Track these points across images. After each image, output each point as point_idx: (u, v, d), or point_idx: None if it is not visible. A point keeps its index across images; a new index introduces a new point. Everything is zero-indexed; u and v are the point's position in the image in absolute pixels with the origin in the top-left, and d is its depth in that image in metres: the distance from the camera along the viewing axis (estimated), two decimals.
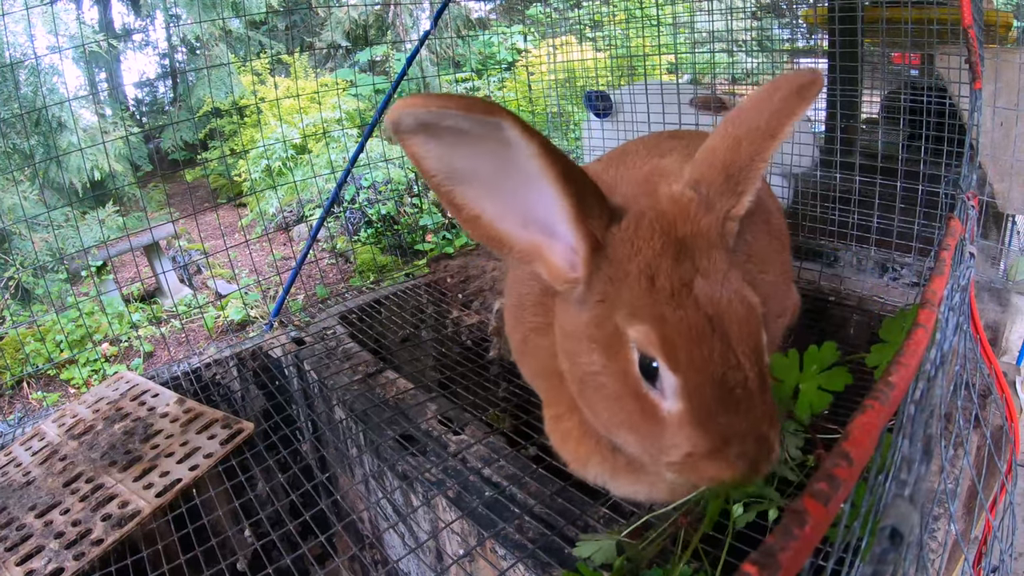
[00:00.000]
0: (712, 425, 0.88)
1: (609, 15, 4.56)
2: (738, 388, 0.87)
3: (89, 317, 5.18)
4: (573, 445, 1.21)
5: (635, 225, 0.93)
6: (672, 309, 0.87)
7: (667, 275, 0.89)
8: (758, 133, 0.98)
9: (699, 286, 0.89)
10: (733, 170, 0.98)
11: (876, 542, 0.51)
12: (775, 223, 1.61)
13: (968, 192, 1.29)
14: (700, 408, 0.87)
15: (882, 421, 0.60)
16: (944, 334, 0.86)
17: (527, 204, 0.91)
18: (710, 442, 0.88)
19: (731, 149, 0.99)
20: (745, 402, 0.88)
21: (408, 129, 0.82)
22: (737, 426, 0.88)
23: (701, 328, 0.87)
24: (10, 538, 1.64)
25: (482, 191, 0.90)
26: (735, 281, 0.92)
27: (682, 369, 0.87)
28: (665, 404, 0.90)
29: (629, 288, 0.91)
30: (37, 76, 6.16)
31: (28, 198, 5.73)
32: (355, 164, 3.00)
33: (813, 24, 4.31)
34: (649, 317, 0.88)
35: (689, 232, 0.93)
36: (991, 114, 2.28)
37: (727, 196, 0.97)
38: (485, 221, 0.92)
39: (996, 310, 2.19)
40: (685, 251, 0.91)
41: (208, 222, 7.30)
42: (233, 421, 1.99)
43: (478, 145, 0.84)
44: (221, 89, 8.32)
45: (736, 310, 0.89)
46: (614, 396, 0.94)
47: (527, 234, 0.94)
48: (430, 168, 0.87)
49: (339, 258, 6.13)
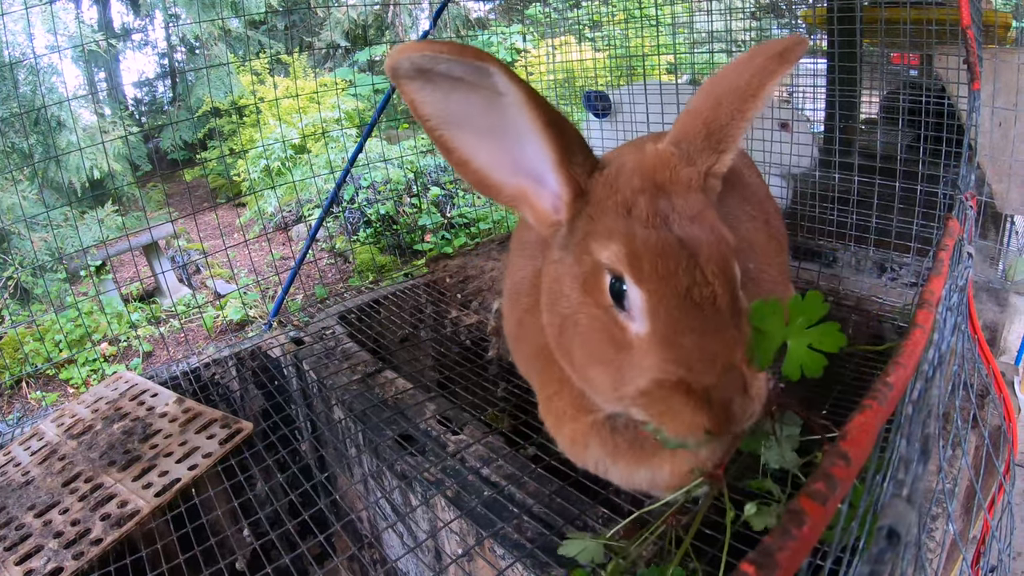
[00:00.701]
0: (678, 343, 0.86)
1: (608, 15, 4.56)
2: (705, 305, 0.86)
3: (88, 317, 5.18)
4: (569, 426, 1.20)
5: (616, 171, 0.97)
6: (643, 229, 0.89)
7: (642, 207, 0.91)
8: (739, 93, 1.00)
9: (673, 217, 0.90)
10: (713, 128, 1.00)
11: (874, 542, 0.51)
12: (774, 225, 1.62)
13: (966, 192, 1.29)
14: (665, 324, 0.86)
15: (880, 421, 0.60)
16: (942, 334, 0.87)
17: (514, 150, 0.95)
18: (676, 362, 0.86)
19: (712, 108, 1.01)
20: (712, 321, 0.86)
21: (406, 74, 0.87)
22: (704, 347, 0.86)
23: (669, 243, 0.87)
24: (9, 538, 1.64)
25: (473, 136, 0.95)
26: (711, 219, 0.93)
27: (646, 280, 0.87)
28: (633, 327, 0.89)
29: (605, 219, 0.93)
30: (36, 75, 6.16)
31: (27, 197, 5.73)
32: (354, 164, 3.00)
33: (812, 24, 4.31)
34: (620, 236, 0.90)
35: (668, 179, 0.96)
36: (989, 114, 2.28)
37: (708, 153, 1.00)
38: (475, 165, 0.97)
39: (994, 310, 2.19)
40: (663, 192, 0.94)
41: (207, 222, 7.30)
42: (232, 421, 1.99)
43: (470, 91, 0.90)
44: (220, 89, 8.32)
45: (708, 237, 0.89)
46: (588, 331, 0.94)
47: (514, 179, 0.99)
48: (425, 112, 0.92)
49: (338, 258, 6.13)
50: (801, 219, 2.72)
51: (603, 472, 1.26)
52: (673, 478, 1.17)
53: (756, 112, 1.00)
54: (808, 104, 3.63)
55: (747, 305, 0.93)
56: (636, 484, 1.26)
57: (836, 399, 1.76)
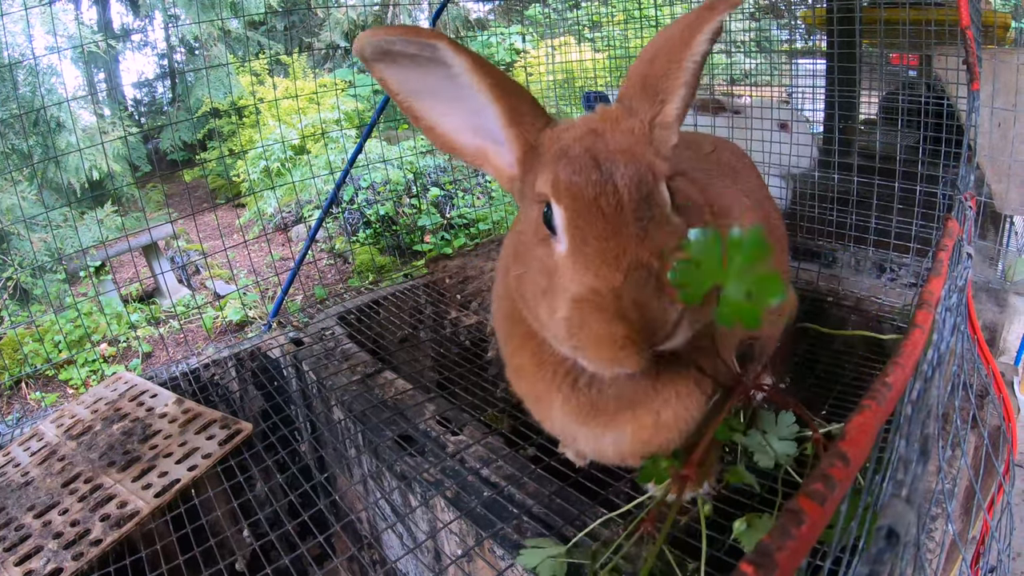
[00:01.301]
0: (584, 250, 0.90)
1: (608, 16, 4.57)
2: (611, 210, 0.90)
3: (87, 317, 5.17)
4: (529, 382, 1.23)
5: (563, 127, 1.04)
6: (569, 159, 0.96)
7: (575, 148, 0.97)
8: (672, 43, 1.05)
9: (601, 151, 0.96)
10: (650, 80, 1.06)
11: (873, 542, 0.51)
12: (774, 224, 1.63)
13: (965, 193, 1.29)
14: (575, 236, 0.92)
15: (879, 421, 0.60)
16: (941, 335, 0.87)
17: (469, 114, 1.05)
18: (584, 268, 0.89)
19: (648, 63, 1.07)
20: (615, 224, 0.90)
21: (371, 56, 1.00)
22: (607, 249, 0.89)
23: (584, 163, 0.94)
24: (9, 538, 1.64)
25: (435, 105, 1.07)
26: (639, 151, 0.97)
27: (561, 196, 0.93)
28: (559, 248, 0.95)
29: (546, 162, 1.00)
30: (36, 76, 6.16)
31: (26, 198, 5.72)
32: (353, 165, 3.00)
33: (811, 25, 4.32)
34: (549, 168, 0.97)
35: (608, 127, 1.01)
36: (989, 115, 2.28)
37: (647, 103, 1.05)
38: (440, 130, 1.08)
39: (994, 310, 2.19)
40: (599, 135, 0.99)
41: (207, 222, 7.30)
42: (232, 422, 1.99)
43: (425, 65, 1.01)
44: (220, 89, 8.32)
45: (628, 160, 0.94)
46: (535, 269, 0.99)
47: (475, 140, 1.09)
48: (393, 88, 1.05)
49: (337, 259, 6.13)
50: (801, 219, 2.72)
51: (572, 439, 1.27)
52: (635, 442, 1.17)
53: (692, 61, 1.04)
54: (807, 104, 3.63)
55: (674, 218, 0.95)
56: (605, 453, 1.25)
57: (836, 399, 1.76)
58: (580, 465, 1.61)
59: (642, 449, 1.19)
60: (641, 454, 1.20)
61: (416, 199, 5.88)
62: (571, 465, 1.61)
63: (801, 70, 4.12)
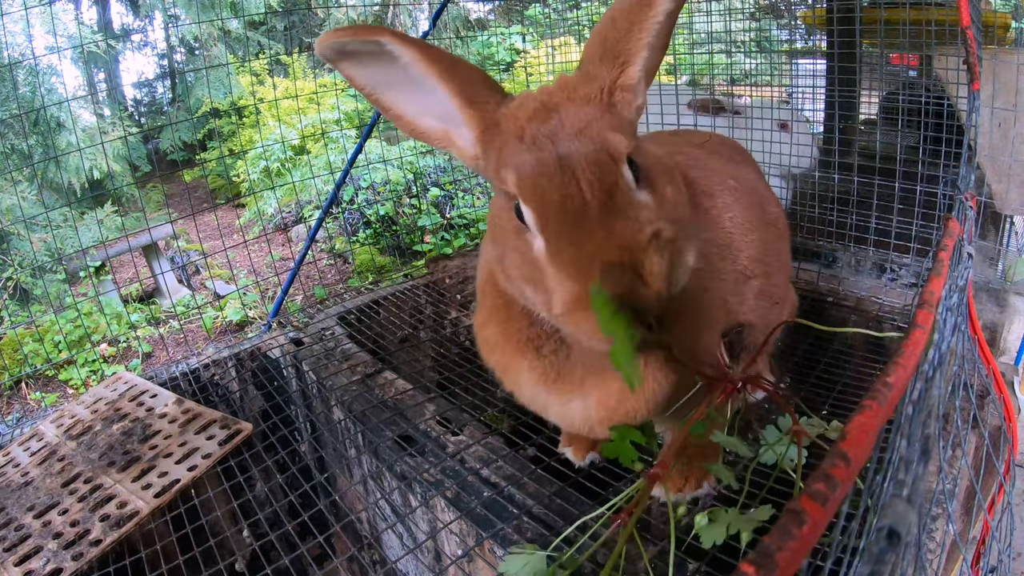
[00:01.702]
0: (563, 255, 0.92)
1: None
2: (575, 214, 0.92)
3: (87, 318, 5.17)
4: (496, 353, 1.28)
5: (520, 101, 1.05)
6: (529, 153, 0.97)
7: (532, 131, 0.98)
8: (633, 4, 1.05)
9: (559, 135, 0.97)
10: (609, 43, 1.06)
11: (874, 542, 0.51)
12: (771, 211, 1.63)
13: (966, 193, 1.29)
14: (548, 237, 0.95)
15: (880, 421, 0.60)
16: (942, 335, 0.87)
17: (428, 100, 1.07)
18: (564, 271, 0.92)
19: (607, 26, 1.08)
20: (582, 227, 0.92)
21: (332, 57, 1.05)
22: (579, 253, 0.91)
23: (547, 163, 0.95)
24: (8, 538, 1.64)
25: (398, 95, 1.10)
26: (597, 128, 0.98)
27: (529, 198, 0.96)
28: (536, 244, 0.98)
29: (507, 147, 1.01)
30: (36, 76, 6.16)
31: (26, 198, 5.72)
32: (353, 165, 3.00)
33: (811, 25, 4.32)
34: (512, 163, 0.99)
35: (563, 99, 1.02)
36: (989, 115, 2.28)
37: (607, 67, 1.05)
38: (407, 118, 1.12)
39: (994, 310, 2.19)
40: (554, 112, 1.00)
41: (207, 223, 7.30)
42: (231, 422, 1.99)
43: (379, 60, 1.04)
44: (220, 89, 8.31)
45: (586, 147, 0.95)
46: (515, 252, 1.03)
47: (438, 124, 1.11)
48: (359, 83, 1.09)
49: (337, 259, 6.13)
50: (801, 220, 2.72)
51: (543, 409, 1.30)
52: (600, 408, 1.20)
53: (655, 21, 1.04)
54: (807, 105, 3.63)
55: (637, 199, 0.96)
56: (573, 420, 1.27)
57: (836, 399, 1.76)
58: (580, 465, 1.61)
59: (608, 416, 1.20)
60: (608, 422, 1.21)
61: (416, 199, 5.88)
62: (571, 465, 1.61)
63: (801, 70, 4.13)
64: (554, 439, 1.72)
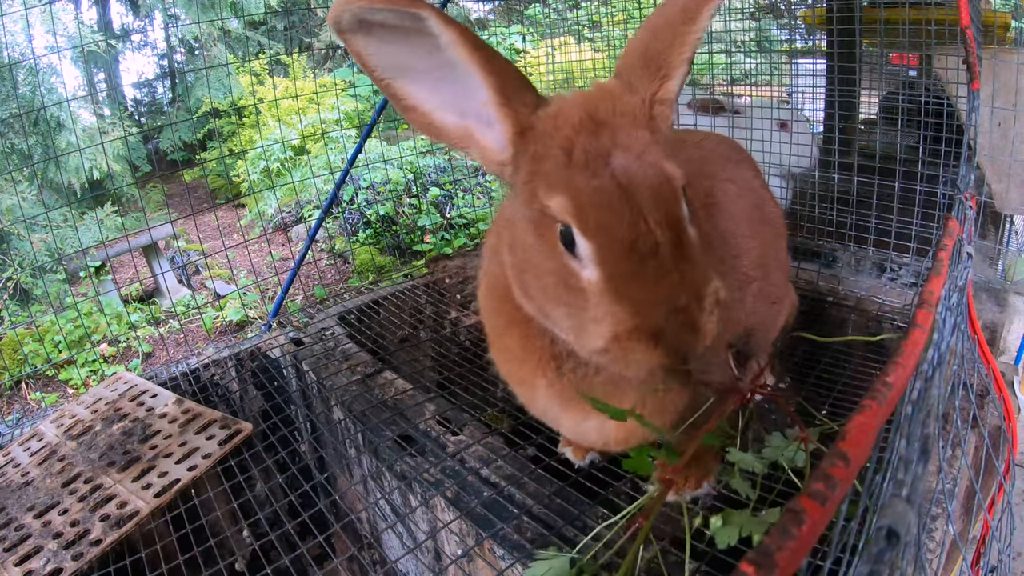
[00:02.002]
0: (626, 293, 0.89)
1: (608, 16, 4.56)
2: (648, 255, 0.89)
3: (87, 318, 5.17)
4: (515, 365, 1.23)
5: (558, 107, 0.98)
6: (585, 178, 0.91)
7: (583, 148, 0.92)
8: (675, 18, 1.02)
9: (615, 158, 0.91)
10: (651, 55, 1.02)
11: (873, 542, 0.51)
12: (769, 211, 1.63)
13: (966, 192, 1.29)
14: (613, 275, 0.90)
15: (880, 421, 0.60)
16: (941, 334, 0.87)
17: (456, 92, 0.97)
18: (626, 312, 0.89)
19: (650, 37, 1.03)
20: (657, 270, 0.89)
21: (348, 27, 0.91)
22: (652, 294, 0.89)
23: (611, 194, 0.89)
24: (9, 538, 1.64)
25: (417, 82, 0.98)
26: (654, 155, 0.94)
27: (592, 233, 0.90)
28: (585, 273, 0.92)
29: (549, 162, 0.94)
30: (35, 76, 6.15)
31: (26, 198, 5.72)
32: (353, 165, 3.00)
33: (811, 25, 4.32)
34: (564, 186, 0.92)
35: (610, 111, 0.97)
36: (989, 114, 2.28)
37: (649, 80, 1.01)
38: (422, 110, 1.00)
39: (994, 310, 2.19)
40: (604, 127, 0.95)
41: (206, 223, 7.29)
42: (231, 422, 1.99)
43: (408, 39, 0.93)
44: (220, 90, 8.31)
45: (650, 180, 0.91)
46: (545, 272, 0.97)
47: (459, 120, 1.01)
48: (370, 63, 0.96)
49: (337, 259, 6.13)
50: (801, 219, 2.72)
51: (554, 421, 1.29)
52: (620, 428, 1.19)
53: (695, 36, 1.01)
54: (807, 104, 3.63)
55: (696, 241, 0.95)
56: (587, 438, 1.27)
57: (836, 399, 1.76)
58: (580, 465, 1.61)
59: (627, 436, 1.20)
60: (626, 442, 1.21)
61: (416, 199, 5.87)
62: (571, 465, 1.61)
63: (801, 70, 4.12)
64: (554, 439, 1.72)
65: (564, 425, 1.28)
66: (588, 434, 1.26)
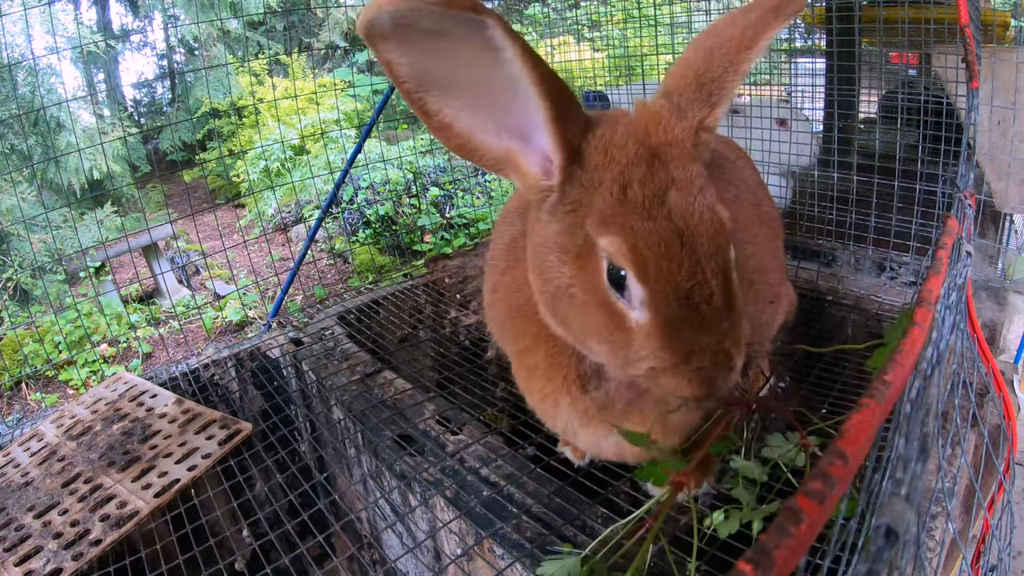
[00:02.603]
0: (676, 340, 0.89)
1: (607, 15, 4.56)
2: (703, 304, 0.89)
3: (87, 318, 5.17)
4: (541, 382, 1.21)
5: (610, 133, 0.93)
6: (643, 221, 0.88)
7: (639, 184, 0.89)
8: (732, 44, 0.99)
9: (672, 198, 0.89)
10: (705, 80, 0.98)
11: (872, 540, 0.51)
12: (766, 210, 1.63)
13: (965, 191, 1.29)
14: (666, 322, 0.89)
15: (878, 420, 0.60)
16: (940, 332, 0.87)
17: (504, 109, 0.90)
18: (673, 356, 0.90)
19: (704, 60, 1.00)
20: (710, 318, 0.90)
21: (382, 31, 0.78)
22: (700, 342, 0.90)
23: (671, 241, 0.87)
24: (9, 538, 1.64)
25: (456, 97, 0.89)
26: (709, 196, 0.92)
27: (650, 282, 0.87)
28: (633, 315, 0.91)
29: (601, 196, 0.91)
30: (35, 76, 6.16)
31: (26, 199, 5.72)
32: (353, 165, 3.00)
33: (811, 24, 4.31)
34: (620, 227, 0.88)
35: (663, 140, 0.94)
36: (988, 113, 2.28)
37: (699, 105, 0.98)
38: (457, 128, 0.91)
39: (994, 309, 2.19)
40: (659, 161, 0.92)
41: (206, 223, 7.30)
42: (231, 422, 1.99)
43: (456, 47, 0.82)
44: (219, 90, 8.32)
45: (707, 225, 0.89)
46: (584, 305, 0.95)
47: (500, 141, 0.93)
48: (402, 74, 0.85)
49: (337, 259, 6.13)
50: (800, 218, 2.72)
51: (571, 436, 1.28)
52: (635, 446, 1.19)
53: (749, 65, 0.99)
54: (807, 103, 3.63)
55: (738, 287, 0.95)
56: (605, 452, 1.27)
57: (835, 398, 1.76)
58: (579, 464, 1.61)
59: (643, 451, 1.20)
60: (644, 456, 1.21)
61: (416, 199, 5.87)
62: (570, 464, 1.61)
63: (800, 69, 4.12)
64: (553, 439, 1.72)
65: (582, 440, 1.27)
66: (607, 450, 1.26)
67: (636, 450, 1.21)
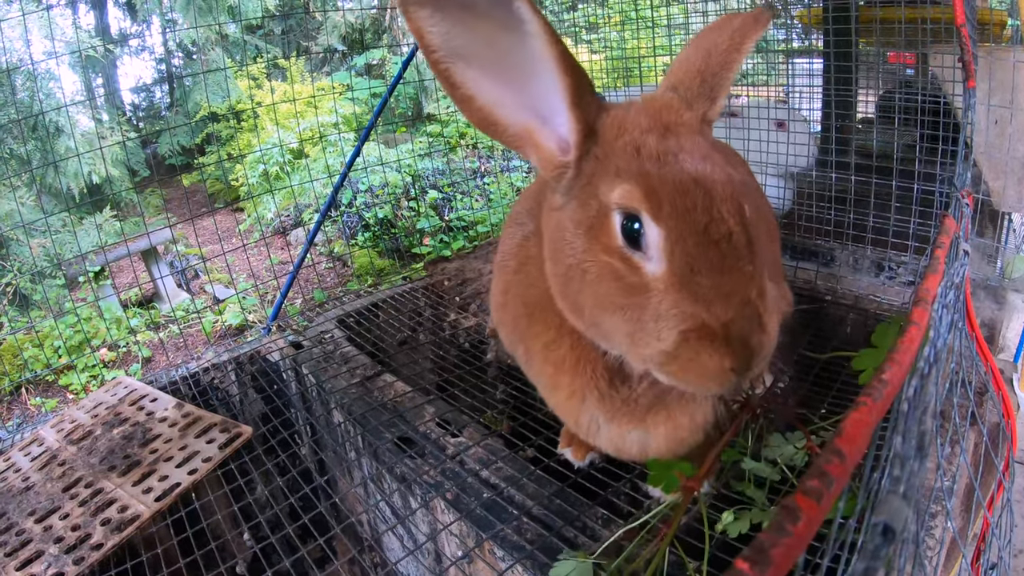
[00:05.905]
0: (696, 281, 0.86)
1: (605, 17, 4.57)
2: (722, 241, 0.86)
3: (87, 323, 5.17)
4: (568, 377, 1.19)
5: (623, 113, 0.98)
6: (656, 167, 0.89)
7: (652, 146, 0.91)
8: (724, 45, 1.06)
9: (683, 156, 0.90)
10: (707, 76, 1.05)
11: (869, 538, 0.51)
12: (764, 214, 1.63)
13: (963, 190, 1.29)
14: (683, 262, 0.86)
15: (875, 418, 0.60)
16: (938, 331, 0.87)
17: (524, 85, 0.93)
18: (695, 303, 0.86)
19: (704, 58, 1.06)
20: (731, 257, 0.86)
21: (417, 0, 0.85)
22: (722, 284, 0.86)
23: (684, 181, 0.87)
24: (10, 543, 1.64)
25: (480, 70, 0.93)
26: (719, 159, 0.93)
27: (664, 217, 0.86)
28: (649, 267, 0.89)
29: (614, 158, 0.93)
30: (34, 81, 6.16)
31: (25, 203, 5.73)
32: (352, 168, 3.01)
33: (808, 24, 4.32)
34: (633, 175, 0.89)
35: (673, 120, 0.97)
36: (985, 112, 2.29)
37: (703, 99, 1.03)
38: (480, 102, 0.95)
39: (992, 308, 2.19)
40: (670, 132, 0.95)
41: (205, 227, 7.31)
42: (231, 425, 1.99)
43: (484, 21, 0.87)
44: (218, 94, 8.32)
45: (720, 175, 0.89)
46: (597, 278, 0.93)
47: (520, 117, 0.97)
48: (432, 43, 0.89)
49: (336, 262, 6.13)
50: (798, 219, 2.72)
51: (593, 433, 1.26)
52: (670, 441, 1.19)
53: (740, 64, 1.05)
54: (805, 104, 3.63)
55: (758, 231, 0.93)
56: (627, 449, 1.25)
57: (834, 397, 1.76)
58: (579, 465, 1.61)
59: (676, 448, 1.21)
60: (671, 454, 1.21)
61: (415, 202, 5.88)
62: (570, 466, 1.61)
63: (798, 69, 4.13)
64: (553, 440, 1.72)
65: (604, 436, 1.25)
66: (629, 446, 1.24)
67: (660, 447, 1.21)
